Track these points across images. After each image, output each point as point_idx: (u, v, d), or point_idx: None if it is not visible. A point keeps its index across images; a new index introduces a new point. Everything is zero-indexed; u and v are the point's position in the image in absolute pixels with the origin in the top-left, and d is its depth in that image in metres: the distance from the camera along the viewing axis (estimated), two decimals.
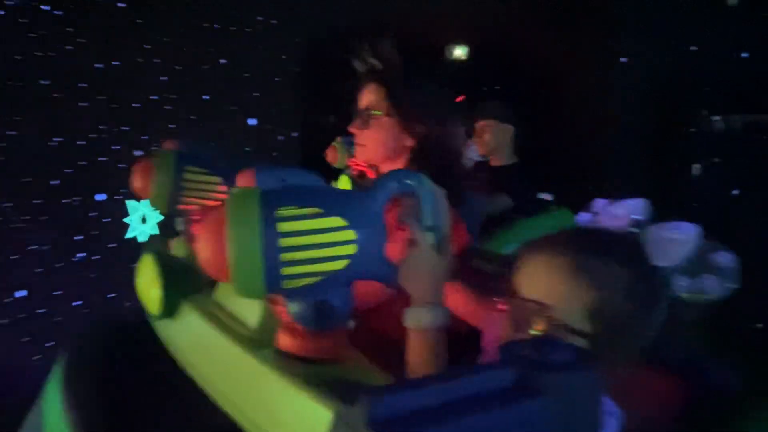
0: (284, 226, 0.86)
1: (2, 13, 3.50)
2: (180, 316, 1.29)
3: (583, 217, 0.98)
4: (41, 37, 3.62)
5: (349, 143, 3.13)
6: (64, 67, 3.69)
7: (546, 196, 3.14)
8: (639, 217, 0.93)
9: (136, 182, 1.77)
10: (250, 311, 1.12)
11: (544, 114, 3.76)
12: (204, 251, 0.89)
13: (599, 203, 0.97)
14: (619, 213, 0.92)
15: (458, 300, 1.30)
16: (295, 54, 3.89)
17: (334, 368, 0.96)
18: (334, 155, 3.13)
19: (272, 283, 0.87)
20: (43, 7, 3.56)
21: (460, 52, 4.34)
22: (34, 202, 3.77)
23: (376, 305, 1.41)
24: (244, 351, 1.03)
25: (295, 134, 3.82)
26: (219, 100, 3.80)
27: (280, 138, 3.86)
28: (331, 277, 0.90)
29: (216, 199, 1.79)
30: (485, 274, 1.31)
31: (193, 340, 1.22)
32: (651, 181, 3.99)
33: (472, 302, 1.30)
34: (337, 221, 0.89)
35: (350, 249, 0.90)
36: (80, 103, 3.73)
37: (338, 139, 3.16)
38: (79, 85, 3.77)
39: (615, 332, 0.88)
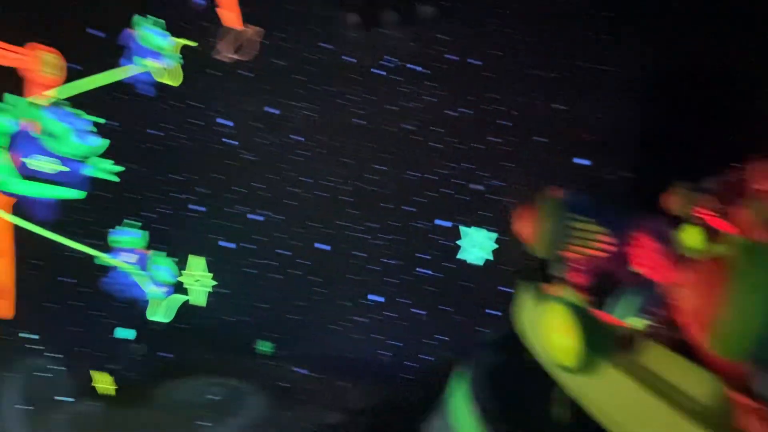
0: None
1: (383, 73, 3.97)
2: (597, 371, 1.22)
3: None
4: (409, 92, 4.00)
5: (695, 190, 2.77)
6: (425, 115, 4.02)
7: None
8: None
9: (521, 226, 1.78)
10: (696, 384, 1.00)
11: None
12: (693, 300, 0.82)
13: None
14: None
15: None
16: (630, 97, 3.64)
17: None
18: (675, 201, 2.80)
19: (760, 352, 0.75)
20: (414, 66, 3.92)
21: None
22: (391, 223, 4.18)
23: None
24: (698, 428, 0.91)
25: (627, 174, 3.57)
26: (554, 142, 3.76)
27: (611, 177, 3.64)
28: None
29: (600, 250, 1.71)
30: None
31: (616, 399, 1.14)
32: None
33: None
34: None
35: None
36: (434, 144, 4.01)
37: (681, 184, 2.82)
38: (433, 128, 4.07)
39: None
